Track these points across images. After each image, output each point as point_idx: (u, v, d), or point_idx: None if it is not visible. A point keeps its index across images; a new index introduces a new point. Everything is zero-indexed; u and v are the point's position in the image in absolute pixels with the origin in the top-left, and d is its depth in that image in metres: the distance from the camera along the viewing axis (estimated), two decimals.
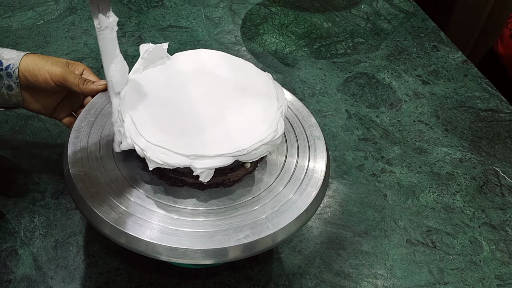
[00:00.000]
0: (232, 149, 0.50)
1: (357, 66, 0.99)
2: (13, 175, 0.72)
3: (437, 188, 0.78)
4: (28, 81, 0.61)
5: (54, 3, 1.04)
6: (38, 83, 0.61)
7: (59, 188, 0.71)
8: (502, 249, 0.72)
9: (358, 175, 0.79)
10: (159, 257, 0.48)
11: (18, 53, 0.61)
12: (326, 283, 0.65)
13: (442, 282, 0.67)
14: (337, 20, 1.10)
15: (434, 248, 0.71)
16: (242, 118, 0.54)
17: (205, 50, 0.62)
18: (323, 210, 0.74)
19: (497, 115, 0.92)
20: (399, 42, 1.06)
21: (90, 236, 0.66)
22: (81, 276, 0.62)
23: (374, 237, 0.71)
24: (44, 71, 0.60)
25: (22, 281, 0.61)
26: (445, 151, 0.84)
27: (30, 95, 0.63)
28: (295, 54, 1.00)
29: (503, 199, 0.78)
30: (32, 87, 0.62)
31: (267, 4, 1.12)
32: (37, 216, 0.68)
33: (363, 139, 0.85)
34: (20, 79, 0.61)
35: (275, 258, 0.67)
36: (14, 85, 0.61)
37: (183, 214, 0.51)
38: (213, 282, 0.64)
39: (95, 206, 0.50)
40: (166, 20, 1.04)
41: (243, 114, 0.54)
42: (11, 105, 0.64)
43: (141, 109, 0.53)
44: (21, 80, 0.61)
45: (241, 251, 0.49)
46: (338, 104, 0.91)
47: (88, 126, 0.59)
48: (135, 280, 0.63)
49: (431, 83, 0.97)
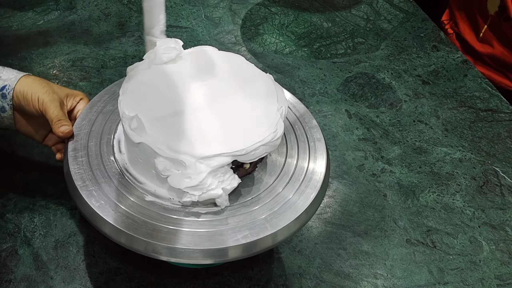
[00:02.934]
0: (231, 149, 0.50)
1: (357, 66, 0.99)
2: (13, 175, 0.72)
3: (437, 188, 0.78)
4: (20, 104, 0.59)
5: (54, 3, 1.04)
6: (28, 107, 0.58)
7: (59, 188, 0.71)
8: (502, 249, 0.72)
9: (358, 175, 0.79)
10: (159, 257, 0.48)
11: (17, 74, 0.59)
12: (326, 283, 0.65)
13: (442, 282, 0.67)
14: (337, 20, 1.10)
15: (434, 248, 0.71)
16: (242, 119, 0.54)
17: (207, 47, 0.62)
18: (323, 210, 0.74)
19: (497, 115, 0.92)
20: (399, 42, 1.06)
21: (90, 236, 0.66)
22: (81, 276, 0.62)
23: (374, 237, 0.71)
24: (35, 96, 0.58)
25: (22, 281, 0.61)
26: (445, 151, 0.84)
27: (23, 118, 0.61)
28: (295, 54, 1.00)
29: (503, 199, 0.78)
30: (23, 111, 0.60)
31: (267, 4, 1.12)
32: (37, 216, 0.68)
33: (363, 139, 0.85)
34: (13, 101, 0.58)
35: (275, 258, 0.67)
36: (7, 107, 0.59)
37: (183, 214, 0.51)
38: (213, 282, 0.64)
39: (95, 206, 0.50)
40: (166, 20, 1.04)
41: (243, 114, 0.54)
42: (2, 127, 0.62)
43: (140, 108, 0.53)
44: (14, 102, 0.59)
45: (241, 252, 0.49)
46: (338, 104, 0.91)
47: (89, 125, 0.59)
48: (135, 280, 0.63)
49: (431, 83, 0.97)
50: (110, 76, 0.89)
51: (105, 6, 1.05)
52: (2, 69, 0.60)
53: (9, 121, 0.61)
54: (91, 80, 0.88)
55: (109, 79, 0.88)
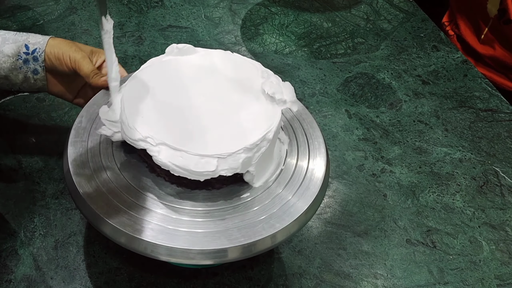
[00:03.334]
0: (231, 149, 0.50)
1: (357, 66, 0.99)
2: (13, 175, 0.72)
3: (437, 188, 0.78)
4: (53, 65, 0.62)
5: (54, 3, 1.04)
6: (61, 66, 0.62)
7: (59, 188, 0.71)
8: (502, 249, 0.72)
9: (358, 175, 0.79)
10: (159, 257, 0.48)
11: (43, 37, 0.63)
12: (326, 283, 0.65)
13: (442, 282, 0.67)
14: (337, 20, 1.10)
15: (434, 248, 0.71)
16: (241, 118, 0.54)
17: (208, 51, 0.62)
18: (323, 210, 0.74)
19: (497, 115, 0.92)
20: (399, 42, 1.06)
21: (90, 236, 0.66)
22: (81, 276, 0.62)
23: (374, 237, 0.71)
24: (66, 56, 0.62)
25: (22, 281, 0.61)
26: (445, 151, 0.84)
27: (54, 78, 0.64)
28: (295, 54, 1.00)
29: (503, 199, 0.78)
30: (56, 71, 0.63)
31: (267, 4, 1.12)
32: (37, 216, 0.68)
33: (363, 139, 0.85)
34: (45, 62, 0.62)
35: (275, 258, 0.67)
36: (40, 69, 0.63)
37: (182, 214, 0.51)
38: (213, 282, 0.64)
39: (95, 206, 0.50)
40: (166, 20, 1.04)
41: (242, 114, 0.54)
42: (35, 90, 0.65)
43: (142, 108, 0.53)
44: (46, 63, 0.62)
45: (240, 252, 0.49)
46: (338, 104, 0.91)
47: (89, 125, 0.59)
48: (135, 280, 0.63)
49: (431, 83, 0.97)
50: None
51: None
52: (27, 35, 0.63)
53: (42, 82, 0.64)
54: None
55: None
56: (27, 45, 0.62)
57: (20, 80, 0.63)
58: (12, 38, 0.62)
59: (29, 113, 0.81)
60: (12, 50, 0.62)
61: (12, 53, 0.62)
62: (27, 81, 0.63)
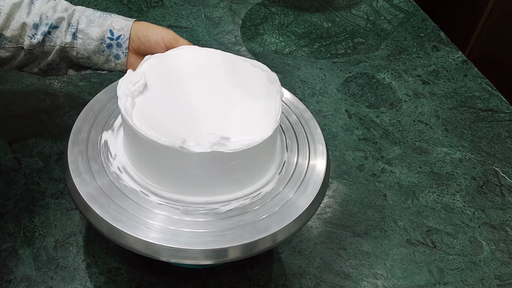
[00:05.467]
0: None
1: (357, 66, 0.99)
2: (13, 175, 0.72)
3: (437, 188, 0.78)
4: (139, 48, 0.64)
5: None
6: (149, 43, 0.64)
7: (59, 188, 0.71)
8: (502, 249, 0.72)
9: (358, 175, 0.79)
10: (159, 257, 0.48)
11: (127, 23, 0.64)
12: (326, 283, 0.65)
13: (442, 282, 0.67)
14: (337, 20, 1.10)
15: (434, 248, 0.71)
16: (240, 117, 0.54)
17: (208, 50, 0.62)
18: (323, 210, 0.74)
19: (497, 115, 0.92)
20: (399, 42, 1.06)
21: (90, 236, 0.66)
22: (81, 276, 0.62)
23: (374, 237, 0.71)
24: (156, 33, 0.64)
25: (22, 281, 0.61)
26: (445, 151, 0.84)
27: (136, 60, 0.65)
28: (295, 54, 1.00)
29: (503, 199, 0.78)
30: (139, 51, 0.65)
31: (267, 4, 1.12)
32: (37, 216, 0.68)
33: (363, 139, 0.85)
34: (130, 45, 0.64)
35: (275, 258, 0.67)
36: (122, 55, 0.65)
37: (183, 214, 0.51)
38: (213, 282, 0.64)
39: (95, 206, 0.50)
40: (166, 20, 1.04)
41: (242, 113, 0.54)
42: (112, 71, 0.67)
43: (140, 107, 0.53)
44: (131, 46, 0.64)
45: (241, 252, 0.49)
46: (338, 104, 0.91)
47: (88, 126, 0.59)
48: (135, 280, 0.63)
49: (431, 83, 0.97)
50: (110, 76, 0.89)
51: (105, 6, 1.05)
52: (111, 18, 0.64)
53: (122, 67, 0.66)
54: (91, 80, 0.88)
55: (109, 79, 0.88)
56: (111, 31, 0.63)
57: (101, 61, 0.65)
58: (97, 21, 0.63)
59: (29, 113, 0.81)
60: (97, 34, 0.63)
61: (97, 36, 0.63)
62: (108, 63, 0.66)
